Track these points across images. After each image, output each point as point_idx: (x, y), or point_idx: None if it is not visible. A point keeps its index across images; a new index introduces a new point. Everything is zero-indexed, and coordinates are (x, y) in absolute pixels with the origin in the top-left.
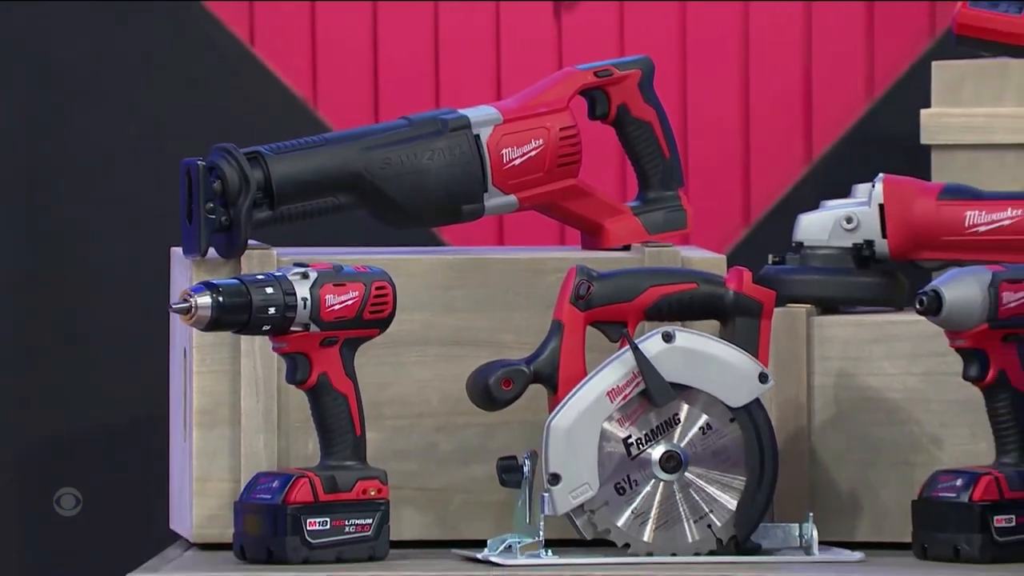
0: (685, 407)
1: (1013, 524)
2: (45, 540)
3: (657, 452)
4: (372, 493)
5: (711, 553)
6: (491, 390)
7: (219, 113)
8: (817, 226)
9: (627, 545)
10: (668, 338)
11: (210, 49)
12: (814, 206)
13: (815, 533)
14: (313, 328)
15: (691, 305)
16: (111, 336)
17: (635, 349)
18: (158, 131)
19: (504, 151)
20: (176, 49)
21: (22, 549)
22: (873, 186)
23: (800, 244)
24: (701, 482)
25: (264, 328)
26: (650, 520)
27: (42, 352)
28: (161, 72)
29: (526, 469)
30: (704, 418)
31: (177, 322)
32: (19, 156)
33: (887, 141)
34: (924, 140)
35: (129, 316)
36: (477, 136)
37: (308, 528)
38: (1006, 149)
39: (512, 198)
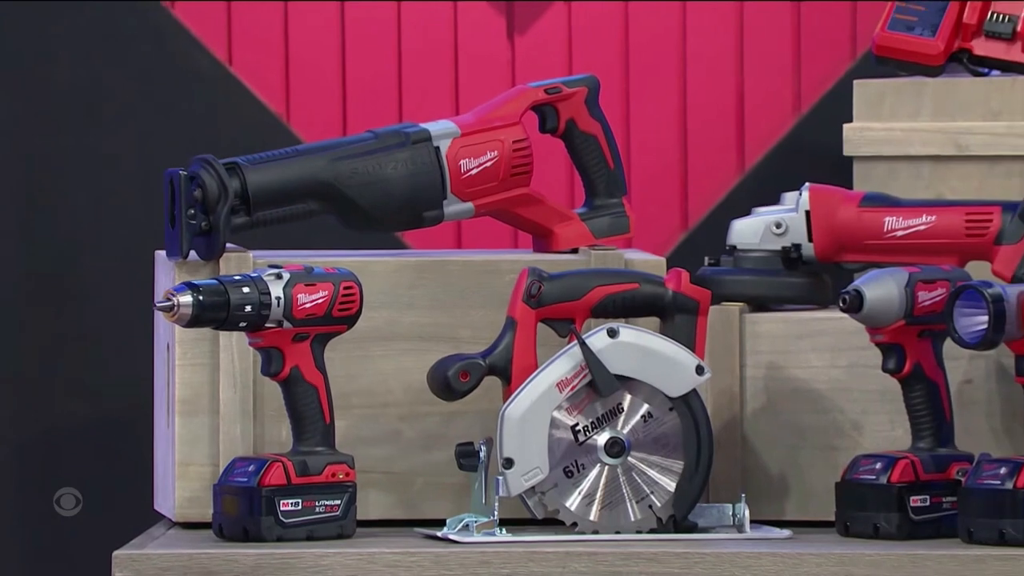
0: (628, 397)
1: (927, 503)
2: (45, 540)
3: (602, 438)
4: (340, 476)
5: (652, 531)
6: (450, 381)
7: (200, 127)
8: (749, 231)
9: (575, 524)
10: (612, 334)
11: (192, 69)
12: (746, 212)
13: (747, 512)
14: (286, 324)
15: (634, 303)
16: (101, 332)
17: (582, 344)
18: (145, 144)
19: (462, 162)
20: (160, 69)
21: (22, 549)
22: (800, 194)
23: (733, 247)
24: (643, 466)
25: (241, 324)
26: (596, 501)
27: (40, 349)
28: (147, 90)
29: (482, 454)
30: (645, 407)
31: (161, 319)
32: (18, 168)
33: (813, 153)
34: (847, 152)
35: (117, 313)
36: (437, 148)
37: (281, 508)
38: (921, 160)
39: (469, 205)
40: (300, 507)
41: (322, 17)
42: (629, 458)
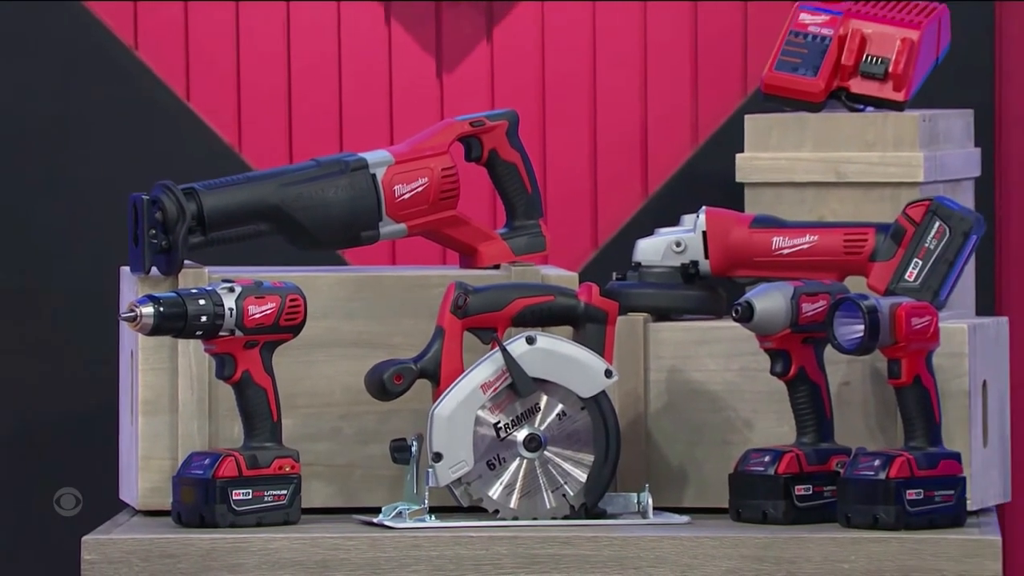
0: (544, 397)
1: (810, 492)
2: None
3: (521, 435)
4: (287, 469)
5: (565, 518)
6: (385, 384)
7: (161, 156)
8: (652, 249)
9: (496, 511)
10: (531, 341)
11: (152, 103)
12: (650, 232)
13: (650, 501)
14: (238, 333)
15: (549, 314)
16: (72, 339)
17: (503, 350)
18: (112, 171)
19: (395, 187)
20: (126, 104)
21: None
22: (697, 216)
23: (638, 264)
24: (557, 459)
25: (197, 333)
26: (515, 491)
27: (16, 354)
28: (114, 123)
29: (414, 449)
30: (560, 407)
31: (125, 328)
32: (5, 195)
33: (709, 179)
34: (739, 179)
35: (86, 323)
36: (373, 175)
37: (234, 498)
38: (805, 186)
39: (402, 226)
40: (251, 496)
41: (271, 58)
42: (545, 452)
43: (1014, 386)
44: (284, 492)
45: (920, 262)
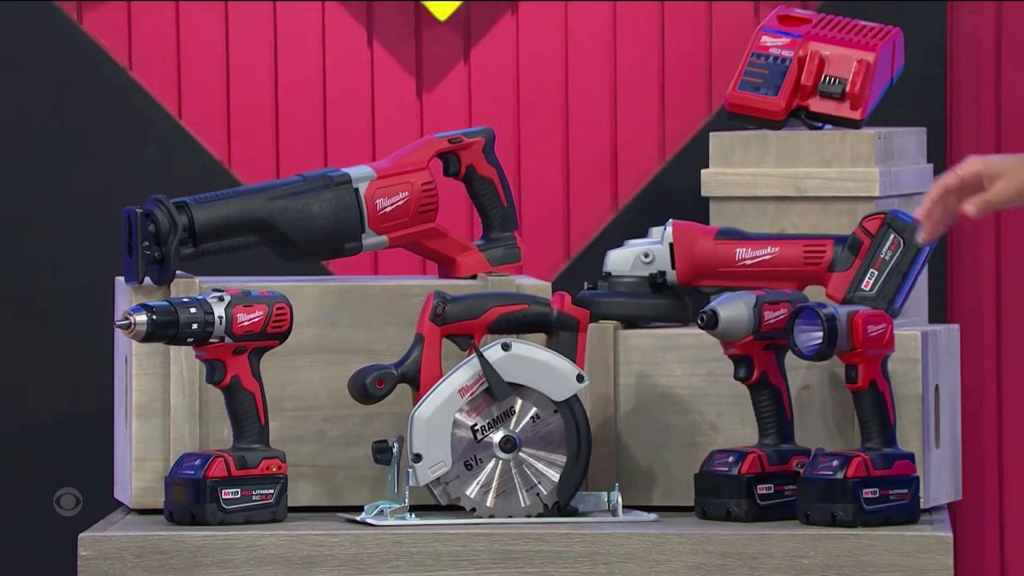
0: (519, 401)
1: (772, 491)
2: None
3: (497, 436)
4: (274, 469)
5: (539, 515)
6: (367, 388)
7: (154, 171)
8: (622, 260)
9: (474, 509)
10: (506, 347)
11: (146, 121)
12: (619, 244)
13: (620, 499)
14: (227, 340)
15: (524, 321)
16: (69, 345)
17: (480, 356)
18: (107, 186)
19: (377, 201)
20: (122, 122)
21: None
22: (665, 229)
23: (609, 274)
24: (531, 460)
25: (188, 340)
26: (492, 490)
27: (17, 361)
28: (110, 140)
29: (395, 450)
30: (534, 410)
31: (120, 335)
32: (6, 208)
33: (675, 194)
34: (704, 193)
35: (83, 330)
36: (356, 189)
37: (223, 497)
38: (766, 200)
39: (384, 238)
40: (239, 495)
41: (259, 77)
42: (520, 453)
43: (964, 390)
44: (271, 491)
45: (876, 272)
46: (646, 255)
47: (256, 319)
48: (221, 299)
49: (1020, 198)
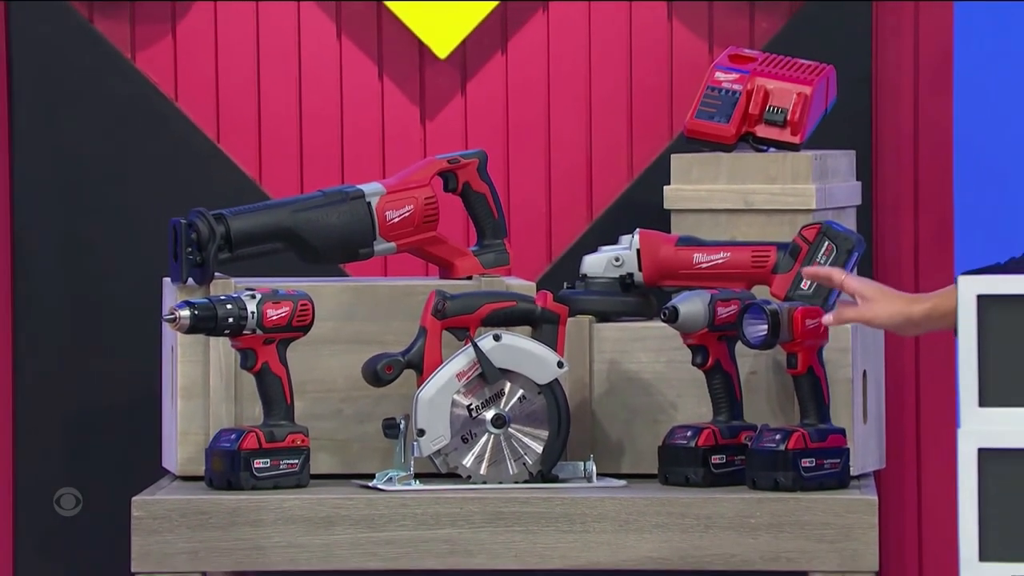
0: (508, 384)
1: (724, 461)
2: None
3: (489, 414)
4: (298, 442)
5: (525, 482)
6: (378, 373)
7: (196, 187)
8: (596, 264)
9: (469, 477)
10: (497, 338)
11: (189, 145)
12: (594, 250)
13: (594, 468)
14: (258, 332)
15: (512, 316)
16: (124, 337)
17: (475, 346)
18: (156, 201)
19: (387, 213)
20: (167, 145)
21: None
22: (633, 237)
23: (585, 275)
24: (519, 434)
25: (225, 332)
26: (484, 460)
27: (78, 350)
28: (159, 162)
29: (402, 426)
30: (521, 391)
31: (167, 328)
32: (70, 220)
33: (642, 207)
34: (666, 206)
35: (136, 323)
36: (369, 203)
37: (255, 466)
38: (719, 213)
39: (392, 244)
40: (269, 464)
41: (286, 108)
42: (509, 429)
43: (887, 374)
44: (296, 461)
45: None
46: (617, 259)
47: (283, 314)
48: (253, 297)
49: (885, 325)
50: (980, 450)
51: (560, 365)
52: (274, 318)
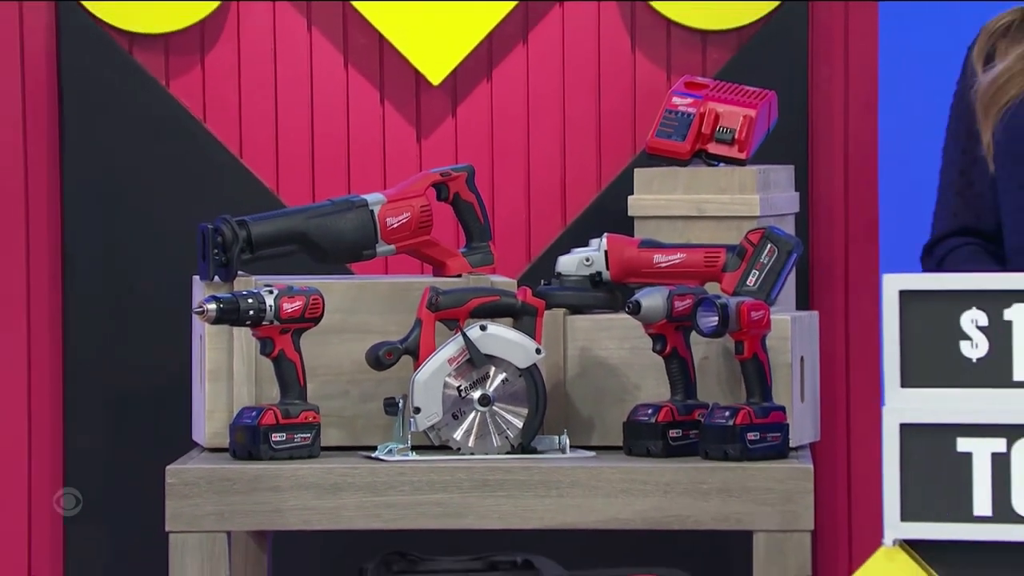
0: (493, 368)
1: (681, 435)
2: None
3: (476, 394)
4: (310, 419)
5: (508, 453)
6: (380, 359)
7: (221, 196)
8: (569, 263)
9: (459, 448)
10: (483, 328)
11: (215, 159)
12: (567, 251)
13: (567, 441)
14: (275, 323)
15: (496, 309)
16: (159, 327)
17: (464, 335)
18: (186, 208)
19: (387, 219)
20: (195, 159)
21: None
22: (601, 240)
23: (559, 274)
24: (502, 412)
25: (247, 323)
26: (472, 434)
27: (118, 338)
28: (189, 176)
29: (400, 405)
30: (504, 375)
31: (196, 320)
32: (112, 226)
33: (609, 214)
34: (630, 214)
35: (169, 316)
36: (372, 211)
37: (273, 439)
38: (676, 219)
39: (392, 247)
40: (285, 438)
41: (300, 128)
42: (493, 407)
43: (821, 359)
44: (309, 435)
45: (757, 273)
46: (587, 260)
47: (297, 307)
48: (271, 292)
49: None
50: (901, 425)
51: (538, 351)
52: (289, 311)
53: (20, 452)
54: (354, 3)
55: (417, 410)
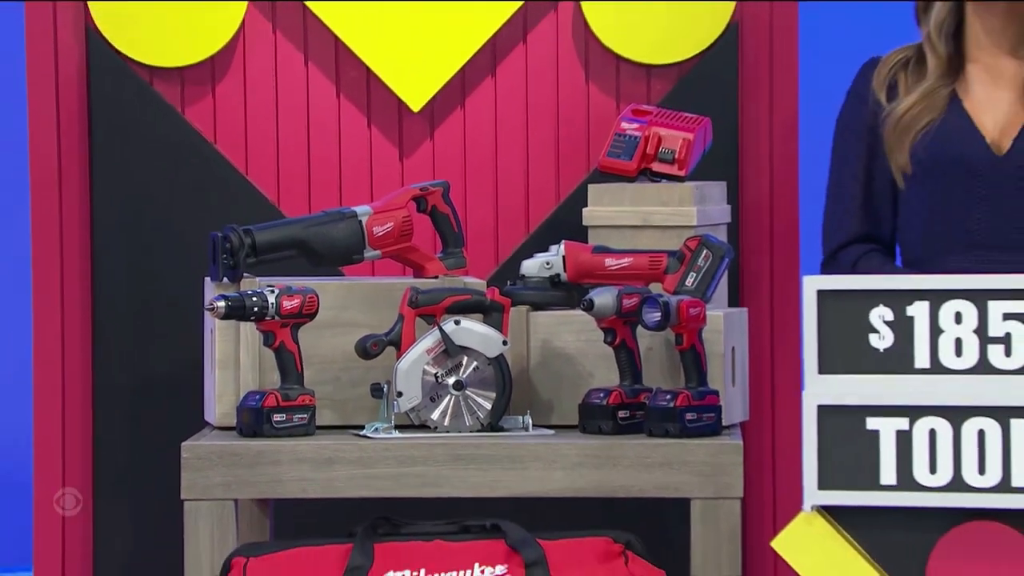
0: (465, 357)
1: (628, 415)
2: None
3: (451, 380)
4: (307, 401)
5: (478, 431)
6: (367, 349)
7: (229, 209)
8: (532, 266)
9: (436, 427)
10: (457, 323)
11: (224, 177)
12: (530, 256)
13: (530, 421)
14: (276, 318)
15: (468, 306)
16: (176, 322)
17: (440, 329)
18: (199, 219)
19: (374, 228)
20: (207, 178)
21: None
22: (560, 246)
23: (523, 275)
24: (474, 395)
25: (252, 318)
26: (448, 414)
27: (139, 331)
28: (200, 189)
29: (385, 389)
30: (475, 363)
31: (208, 315)
32: (136, 235)
33: (567, 224)
34: (585, 223)
35: (185, 312)
36: (360, 221)
37: (274, 419)
38: (624, 228)
39: (378, 252)
40: (285, 419)
41: (298, 149)
42: (466, 391)
43: (751, 349)
44: (306, 416)
45: (695, 275)
46: (547, 263)
47: (295, 304)
48: (272, 291)
49: None
50: (819, 407)
51: (504, 343)
52: (288, 308)
53: (55, 430)
54: (345, 40)
55: (400, 394)
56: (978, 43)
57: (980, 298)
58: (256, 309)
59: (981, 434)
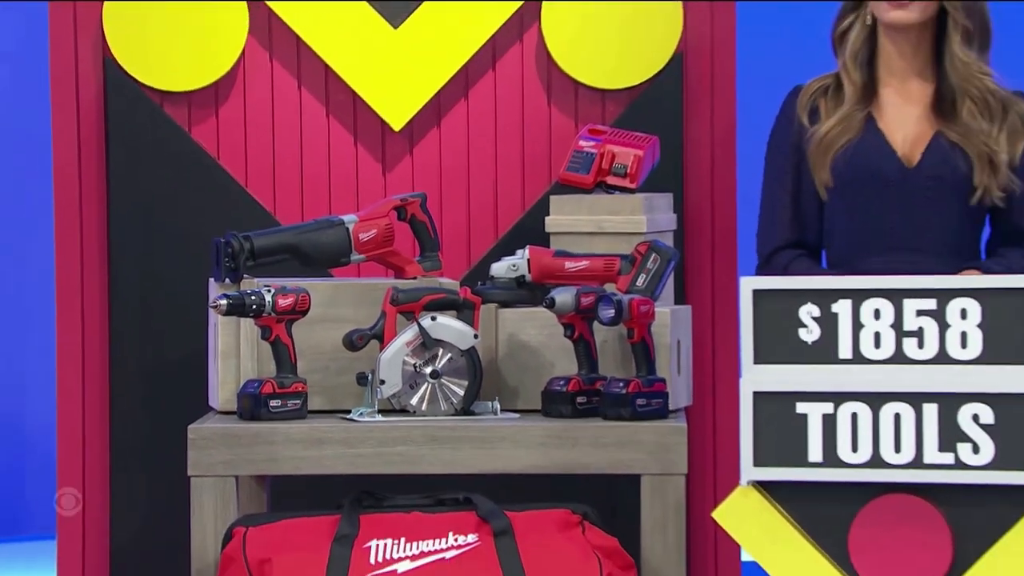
0: (441, 349)
1: (586, 401)
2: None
3: (428, 369)
4: (300, 388)
5: (453, 415)
6: (353, 342)
7: (230, 217)
8: (500, 268)
9: (414, 412)
10: (433, 319)
11: (225, 189)
12: (498, 259)
13: (499, 405)
14: (273, 314)
15: (443, 304)
16: (184, 318)
17: (418, 324)
18: (203, 226)
19: (360, 234)
20: (210, 189)
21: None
22: (525, 250)
23: (492, 277)
24: (449, 383)
25: (251, 314)
26: (425, 399)
27: (148, 325)
28: (203, 200)
29: (369, 378)
30: (449, 355)
31: (211, 312)
32: (148, 242)
33: (531, 230)
34: (547, 230)
35: (192, 309)
36: (347, 228)
37: (271, 404)
38: (582, 235)
39: (363, 256)
40: (280, 404)
41: (292, 164)
42: (441, 379)
43: (694, 342)
44: (299, 402)
45: (644, 276)
46: (514, 266)
47: (289, 302)
48: (269, 291)
49: None
50: (754, 393)
51: (475, 336)
52: (283, 305)
53: (76, 415)
54: (334, 67)
55: (382, 382)
56: (890, 68)
57: (896, 296)
58: (255, 306)
59: (897, 417)
